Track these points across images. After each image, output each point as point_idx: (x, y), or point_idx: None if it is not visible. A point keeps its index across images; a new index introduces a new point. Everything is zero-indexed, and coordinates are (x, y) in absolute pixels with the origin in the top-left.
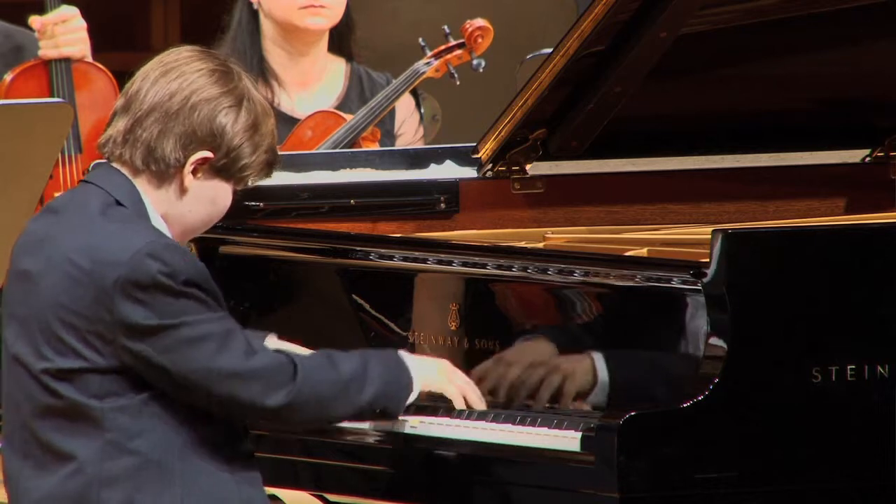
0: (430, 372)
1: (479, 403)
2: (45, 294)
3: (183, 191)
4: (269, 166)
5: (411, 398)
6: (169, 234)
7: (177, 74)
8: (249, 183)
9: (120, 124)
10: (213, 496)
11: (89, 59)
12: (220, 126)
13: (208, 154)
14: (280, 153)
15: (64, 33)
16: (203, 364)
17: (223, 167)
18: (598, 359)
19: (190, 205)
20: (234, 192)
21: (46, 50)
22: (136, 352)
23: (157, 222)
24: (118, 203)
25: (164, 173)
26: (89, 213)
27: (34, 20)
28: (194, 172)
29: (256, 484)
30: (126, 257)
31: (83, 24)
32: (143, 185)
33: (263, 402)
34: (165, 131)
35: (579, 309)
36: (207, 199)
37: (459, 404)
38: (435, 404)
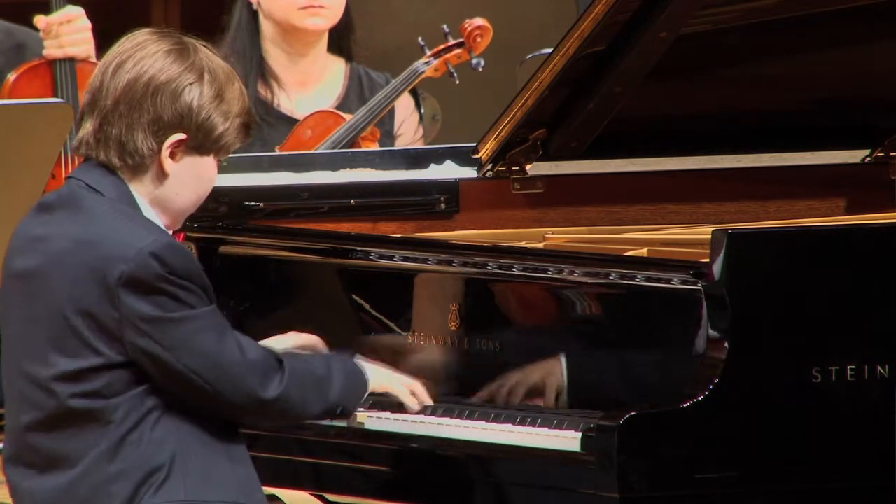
0: (377, 373)
1: (427, 399)
2: (51, 291)
3: (164, 175)
4: (246, 128)
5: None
6: (162, 224)
7: (133, 63)
8: (231, 150)
9: (89, 125)
10: (213, 480)
11: (94, 59)
12: (186, 105)
13: (181, 136)
14: (281, 152)
15: (69, 33)
16: (205, 357)
17: (199, 144)
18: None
19: (176, 188)
20: (218, 162)
21: (51, 50)
22: (140, 346)
23: (149, 213)
24: (106, 197)
25: (142, 164)
26: (85, 209)
27: (39, 20)
28: (172, 156)
29: (247, 462)
30: (131, 254)
31: (88, 24)
32: (126, 179)
33: (263, 393)
34: (133, 124)
35: (579, 309)
36: (192, 177)
37: (409, 401)
38: (435, 405)
